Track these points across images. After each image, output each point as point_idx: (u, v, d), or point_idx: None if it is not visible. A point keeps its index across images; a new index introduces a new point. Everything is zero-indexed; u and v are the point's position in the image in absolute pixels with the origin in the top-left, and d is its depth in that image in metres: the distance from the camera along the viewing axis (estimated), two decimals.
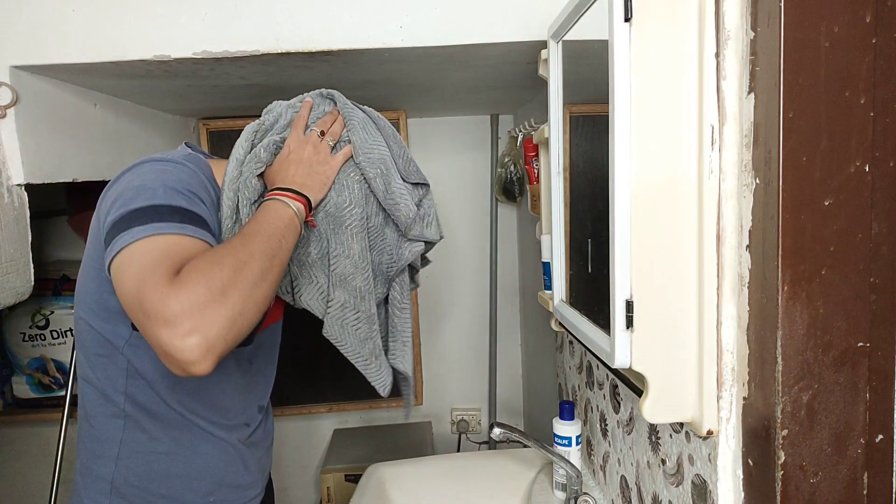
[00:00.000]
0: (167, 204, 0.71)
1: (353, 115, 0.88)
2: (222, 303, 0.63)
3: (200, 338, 0.61)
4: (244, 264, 0.68)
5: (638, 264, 0.60)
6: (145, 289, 0.62)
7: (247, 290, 0.67)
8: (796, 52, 0.50)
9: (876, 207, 0.52)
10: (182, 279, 0.63)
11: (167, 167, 0.77)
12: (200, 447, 0.88)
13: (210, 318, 0.62)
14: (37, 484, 1.88)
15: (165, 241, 0.68)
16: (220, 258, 0.67)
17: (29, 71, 1.01)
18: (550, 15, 0.94)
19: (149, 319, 0.62)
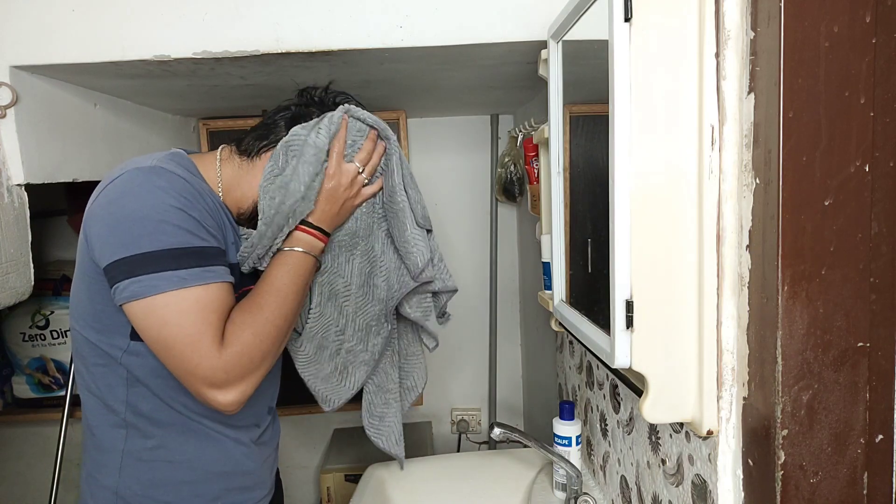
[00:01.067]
0: (182, 247, 0.72)
1: (393, 154, 0.92)
2: (260, 368, 0.77)
3: (240, 395, 0.75)
4: (280, 330, 0.79)
5: (638, 264, 0.60)
6: (192, 355, 0.71)
7: (278, 350, 0.80)
8: (796, 52, 0.50)
9: (876, 207, 0.52)
10: (229, 351, 0.73)
11: (160, 183, 0.73)
12: (207, 452, 0.86)
13: (250, 382, 0.76)
14: (37, 484, 1.88)
15: (195, 297, 0.72)
16: (261, 329, 0.76)
17: (29, 71, 1.01)
18: (550, 15, 0.94)
19: (195, 379, 0.73)
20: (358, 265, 0.95)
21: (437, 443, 2.05)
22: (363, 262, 0.95)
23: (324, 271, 0.93)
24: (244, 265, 0.84)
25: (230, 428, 0.88)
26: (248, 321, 0.75)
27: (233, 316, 0.76)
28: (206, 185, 0.83)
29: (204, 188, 0.81)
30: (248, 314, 0.76)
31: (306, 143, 0.83)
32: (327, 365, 0.98)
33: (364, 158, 0.88)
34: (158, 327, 0.71)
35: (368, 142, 0.88)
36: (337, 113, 0.87)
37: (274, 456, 1.01)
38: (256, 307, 0.77)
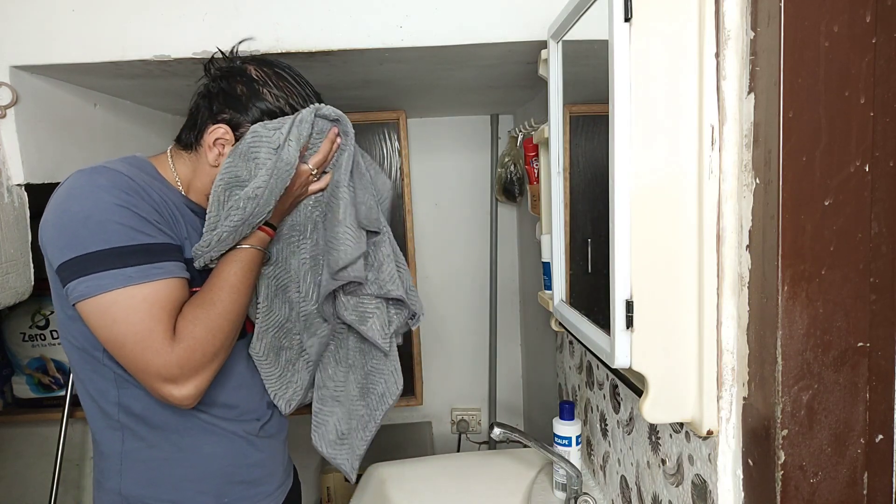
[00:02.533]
0: (127, 245, 0.72)
1: (345, 150, 0.89)
2: (213, 362, 0.78)
3: (195, 389, 0.76)
4: (232, 324, 0.80)
5: (638, 264, 0.60)
6: (144, 352, 0.72)
7: (230, 345, 0.81)
8: (796, 52, 0.50)
9: (876, 207, 0.52)
10: (181, 346, 0.74)
11: (101, 182, 0.74)
12: (204, 448, 0.86)
13: (204, 375, 0.77)
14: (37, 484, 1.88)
15: (143, 294, 0.73)
16: (214, 324, 0.77)
17: (29, 71, 1.01)
18: (550, 15, 0.94)
19: (148, 375, 0.74)
20: (300, 260, 0.93)
21: (437, 443, 2.05)
22: (306, 257, 0.93)
23: (270, 264, 0.91)
24: (197, 263, 0.82)
25: (227, 421, 0.88)
26: (200, 316, 0.76)
27: (184, 311, 0.76)
28: (165, 183, 0.84)
29: (154, 185, 0.80)
30: (199, 309, 0.76)
31: (280, 159, 0.80)
32: (277, 364, 0.94)
33: (320, 161, 0.87)
34: (109, 326, 0.72)
35: (326, 142, 0.87)
36: (306, 117, 0.83)
37: (282, 449, 1.01)
38: (209, 302, 0.77)
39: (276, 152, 0.81)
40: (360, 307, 0.94)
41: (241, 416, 0.90)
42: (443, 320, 2.06)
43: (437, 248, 2.03)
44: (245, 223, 0.80)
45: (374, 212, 0.91)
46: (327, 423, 1.00)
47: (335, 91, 1.43)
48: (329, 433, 1.00)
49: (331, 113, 0.86)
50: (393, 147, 1.90)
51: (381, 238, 0.94)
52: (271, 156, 0.81)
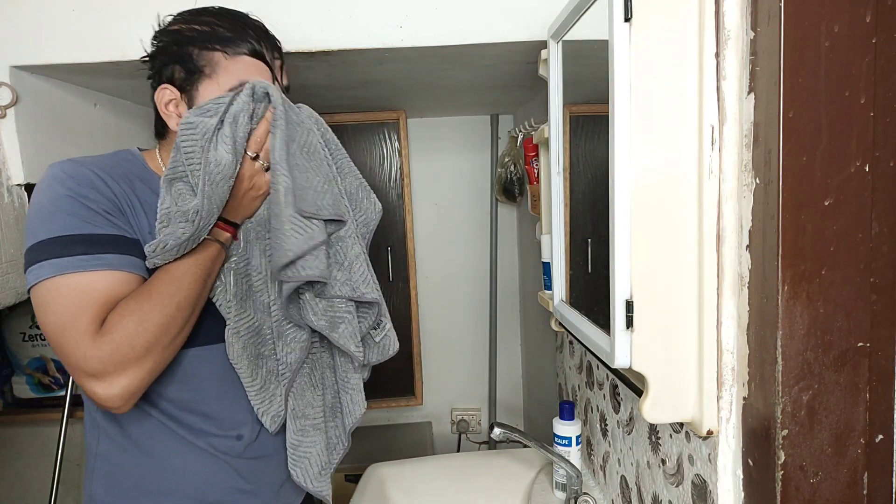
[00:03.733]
0: (69, 234, 0.70)
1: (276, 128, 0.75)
2: (145, 359, 0.70)
3: (122, 389, 0.69)
4: (171, 319, 0.71)
5: (638, 264, 0.60)
6: (67, 343, 0.67)
7: (169, 342, 0.73)
8: (796, 52, 0.50)
9: (876, 207, 0.52)
10: (106, 339, 0.67)
11: (58, 173, 0.73)
12: (172, 459, 0.81)
13: (133, 374, 0.69)
14: (37, 484, 1.88)
15: (75, 283, 0.69)
16: (147, 316, 0.69)
17: (29, 71, 1.01)
18: (550, 15, 0.94)
19: (71, 368, 0.69)
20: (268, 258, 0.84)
21: (437, 443, 2.05)
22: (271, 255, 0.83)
23: (240, 261, 0.83)
24: (147, 263, 0.75)
25: (200, 434, 0.82)
26: (132, 308, 0.69)
27: (119, 303, 0.70)
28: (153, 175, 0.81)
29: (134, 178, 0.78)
30: (133, 301, 0.70)
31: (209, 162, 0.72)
32: (256, 375, 0.84)
33: (258, 145, 0.77)
34: (42, 315, 0.69)
35: (263, 123, 0.77)
36: (239, 101, 0.74)
37: (278, 473, 0.90)
38: (145, 294, 0.71)
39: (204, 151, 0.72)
40: (330, 311, 0.83)
41: (219, 431, 0.84)
42: (443, 320, 2.06)
43: (437, 248, 2.03)
44: (190, 240, 0.73)
45: (325, 197, 0.78)
46: (310, 456, 0.88)
47: (335, 91, 1.43)
48: (313, 466, 0.89)
49: (260, 91, 0.76)
50: (393, 147, 1.90)
51: (346, 232, 0.83)
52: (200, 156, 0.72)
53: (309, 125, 0.79)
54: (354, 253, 0.84)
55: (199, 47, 0.78)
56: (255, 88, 0.75)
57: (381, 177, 1.92)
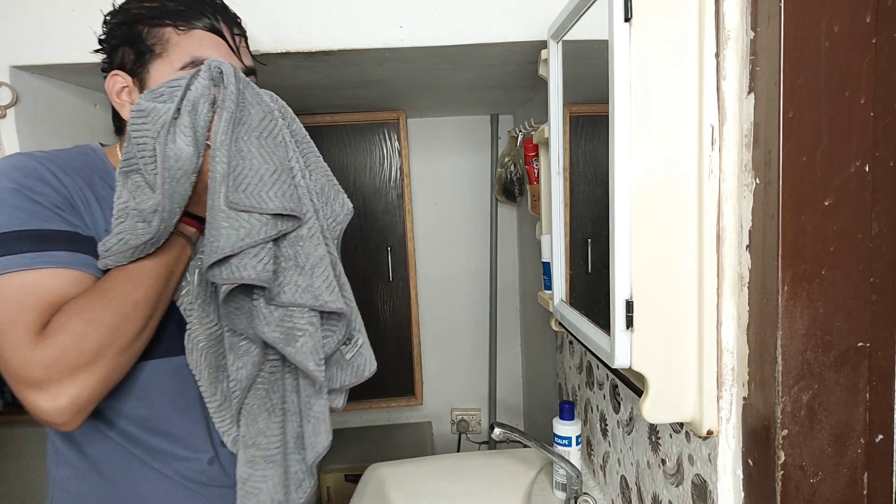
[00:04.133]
0: (13, 230, 0.63)
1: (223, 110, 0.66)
2: (95, 365, 0.61)
3: (69, 402, 0.60)
4: (125, 318, 0.63)
5: (638, 264, 0.60)
6: (6, 350, 0.59)
7: (124, 346, 0.64)
8: (796, 52, 0.50)
9: (876, 207, 0.52)
10: (50, 342, 0.59)
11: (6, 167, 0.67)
12: (136, 489, 0.74)
13: (81, 382, 0.60)
14: (37, 484, 1.88)
15: (18, 282, 0.62)
16: (98, 314, 0.61)
17: (29, 71, 1.01)
18: (550, 15, 0.94)
19: (10, 378, 0.60)
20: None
21: (437, 443, 2.05)
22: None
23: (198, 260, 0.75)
24: (99, 263, 0.67)
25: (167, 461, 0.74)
26: (81, 307, 0.61)
27: (66, 304, 0.62)
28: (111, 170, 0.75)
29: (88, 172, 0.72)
30: (83, 299, 0.62)
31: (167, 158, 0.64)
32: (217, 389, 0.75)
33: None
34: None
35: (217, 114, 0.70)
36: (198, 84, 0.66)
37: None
38: (97, 291, 0.63)
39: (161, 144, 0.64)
40: (286, 322, 0.71)
41: (188, 454, 0.76)
42: (443, 320, 2.06)
43: (437, 248, 2.03)
44: (149, 243, 0.66)
45: (273, 188, 0.68)
46: (259, 493, 0.75)
47: (335, 91, 1.43)
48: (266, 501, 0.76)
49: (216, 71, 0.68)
50: (393, 147, 1.90)
51: (309, 232, 0.73)
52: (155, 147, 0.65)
53: (269, 109, 0.71)
54: (318, 255, 0.73)
55: (148, 25, 0.71)
56: (212, 69, 0.67)
57: (381, 177, 1.92)
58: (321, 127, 1.84)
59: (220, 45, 0.73)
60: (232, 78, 0.66)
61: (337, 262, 0.77)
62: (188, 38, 0.71)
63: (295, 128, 0.75)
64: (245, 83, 0.69)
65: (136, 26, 0.71)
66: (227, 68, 0.67)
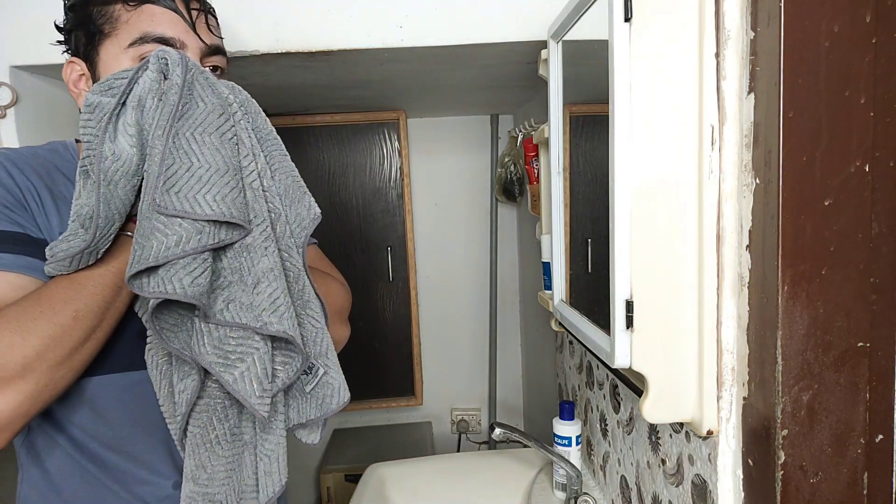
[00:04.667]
0: None
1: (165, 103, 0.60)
2: (23, 379, 0.55)
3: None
4: (62, 329, 0.57)
5: (638, 264, 0.60)
6: None
7: (60, 359, 0.57)
8: (796, 52, 0.50)
9: (876, 207, 0.52)
10: None
11: None
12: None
13: (4, 395, 0.54)
14: None
15: None
16: (30, 324, 0.55)
17: (29, 71, 1.01)
18: (550, 15, 0.94)
19: None
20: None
21: (437, 443, 2.05)
22: None
23: None
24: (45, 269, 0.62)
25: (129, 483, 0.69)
26: (12, 314, 0.56)
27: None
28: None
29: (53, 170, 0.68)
30: (16, 306, 0.57)
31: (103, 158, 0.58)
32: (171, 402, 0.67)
33: None
34: None
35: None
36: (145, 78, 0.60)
37: None
38: (33, 298, 0.57)
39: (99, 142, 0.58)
40: (226, 344, 0.62)
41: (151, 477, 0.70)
42: (442, 320, 2.06)
43: (437, 248, 2.03)
44: (86, 252, 0.60)
45: (212, 190, 0.59)
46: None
47: (335, 91, 1.43)
48: None
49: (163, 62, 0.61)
50: (393, 147, 1.90)
51: (255, 240, 0.63)
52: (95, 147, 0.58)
53: (223, 102, 0.63)
54: (263, 268, 0.63)
55: (98, 4, 0.66)
56: (160, 60, 0.60)
57: (381, 177, 1.92)
58: (321, 127, 1.84)
59: (176, 20, 0.66)
60: (178, 67, 0.59)
61: (300, 275, 0.68)
62: (138, 15, 0.65)
63: (259, 123, 0.67)
64: (197, 73, 0.62)
65: (88, 7, 0.66)
66: (172, 56, 0.60)
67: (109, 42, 0.66)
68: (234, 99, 0.64)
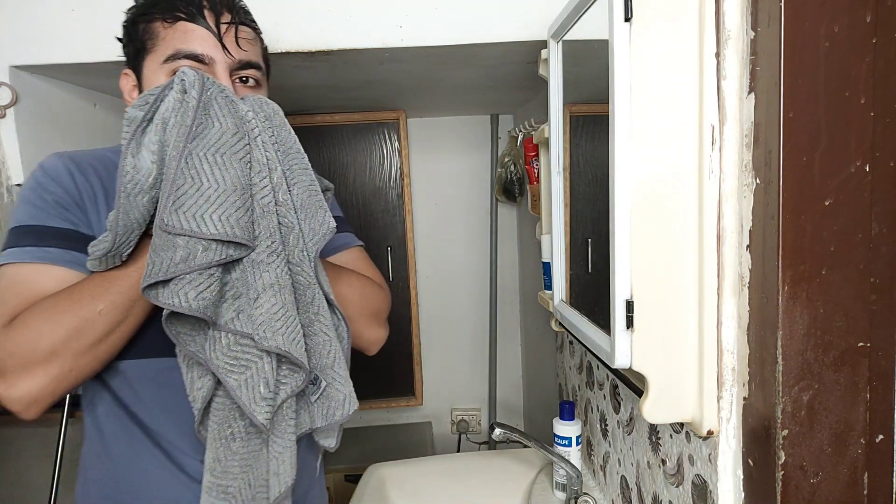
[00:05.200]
0: (24, 224, 0.68)
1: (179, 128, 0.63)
2: (48, 363, 0.62)
3: (23, 393, 0.63)
4: (87, 323, 0.63)
5: (638, 264, 0.60)
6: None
7: (83, 349, 0.64)
8: (796, 52, 0.50)
9: (876, 207, 0.52)
10: (10, 334, 0.62)
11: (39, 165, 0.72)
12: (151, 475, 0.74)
13: (35, 377, 0.62)
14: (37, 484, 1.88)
15: (11, 274, 0.66)
16: (59, 316, 0.62)
17: (29, 71, 1.01)
18: (550, 15, 0.94)
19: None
20: None
21: (437, 443, 2.05)
22: None
23: None
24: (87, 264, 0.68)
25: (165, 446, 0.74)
26: (45, 306, 0.63)
27: (38, 301, 0.65)
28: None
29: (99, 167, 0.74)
30: (50, 300, 0.64)
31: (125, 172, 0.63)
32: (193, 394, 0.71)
33: None
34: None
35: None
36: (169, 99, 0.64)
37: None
38: (66, 293, 0.64)
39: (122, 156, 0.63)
40: (233, 351, 0.65)
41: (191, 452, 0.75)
42: (442, 320, 2.06)
43: (437, 248, 2.03)
44: (110, 255, 0.64)
45: (218, 210, 0.62)
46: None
47: (335, 91, 1.43)
48: None
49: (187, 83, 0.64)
50: (393, 147, 1.90)
51: (256, 255, 0.66)
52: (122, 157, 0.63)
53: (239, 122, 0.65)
54: (265, 283, 0.66)
55: (143, 21, 0.72)
56: (182, 82, 0.64)
57: (381, 177, 1.92)
58: (321, 127, 1.84)
59: (206, 36, 0.70)
60: (194, 90, 0.63)
61: (311, 286, 0.70)
62: (173, 32, 0.70)
63: (283, 136, 0.70)
64: (216, 92, 0.65)
65: (136, 24, 0.72)
66: (189, 77, 0.64)
67: (150, 57, 0.71)
68: (253, 116, 0.67)
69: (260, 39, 0.78)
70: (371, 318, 0.86)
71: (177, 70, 0.67)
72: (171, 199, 0.60)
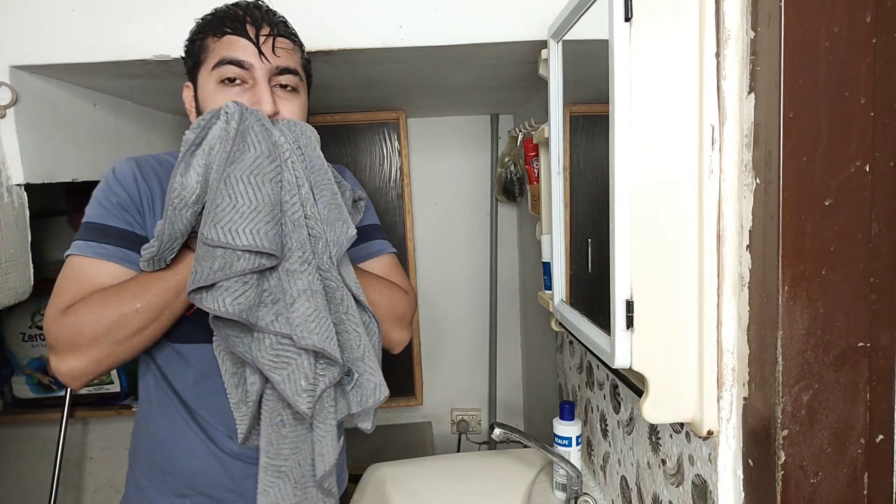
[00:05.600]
0: (91, 221, 0.79)
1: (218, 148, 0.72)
2: (91, 348, 0.74)
3: (69, 368, 0.75)
4: (126, 318, 0.74)
5: (638, 264, 0.60)
6: (46, 313, 0.76)
7: (120, 340, 0.75)
8: (796, 53, 0.50)
9: (876, 207, 0.52)
10: (63, 320, 0.74)
11: (112, 167, 0.82)
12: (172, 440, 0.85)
13: (79, 357, 0.74)
14: (37, 484, 1.88)
15: (77, 265, 0.78)
16: (103, 309, 0.73)
17: (29, 71, 1.01)
18: (550, 15, 0.94)
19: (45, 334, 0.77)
20: None
21: (437, 443, 2.05)
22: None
23: None
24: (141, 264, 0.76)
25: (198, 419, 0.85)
26: (95, 299, 0.74)
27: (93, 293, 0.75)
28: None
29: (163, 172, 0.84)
30: (99, 294, 0.74)
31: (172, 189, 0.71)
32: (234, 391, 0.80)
33: None
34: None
35: None
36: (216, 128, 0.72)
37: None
38: (113, 289, 0.75)
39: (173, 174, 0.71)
40: (276, 350, 0.73)
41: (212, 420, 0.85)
42: (443, 320, 2.06)
43: (437, 247, 2.03)
44: (155, 259, 0.74)
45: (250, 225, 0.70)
46: (267, 494, 0.78)
47: (335, 91, 1.43)
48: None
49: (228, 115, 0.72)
50: (393, 147, 1.90)
51: (290, 265, 0.74)
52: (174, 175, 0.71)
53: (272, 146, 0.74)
54: (299, 288, 0.73)
55: (199, 39, 0.81)
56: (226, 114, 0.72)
57: (381, 177, 1.92)
58: (321, 127, 1.83)
59: (247, 46, 0.78)
60: (233, 121, 0.71)
61: (339, 288, 0.78)
62: (220, 44, 0.79)
63: (308, 154, 0.79)
64: (253, 121, 0.73)
65: (194, 41, 0.82)
66: (230, 109, 0.72)
67: (203, 68, 0.81)
68: (284, 140, 0.76)
69: (300, 50, 0.86)
70: (396, 322, 0.94)
71: (223, 75, 0.78)
72: (211, 215, 0.69)
